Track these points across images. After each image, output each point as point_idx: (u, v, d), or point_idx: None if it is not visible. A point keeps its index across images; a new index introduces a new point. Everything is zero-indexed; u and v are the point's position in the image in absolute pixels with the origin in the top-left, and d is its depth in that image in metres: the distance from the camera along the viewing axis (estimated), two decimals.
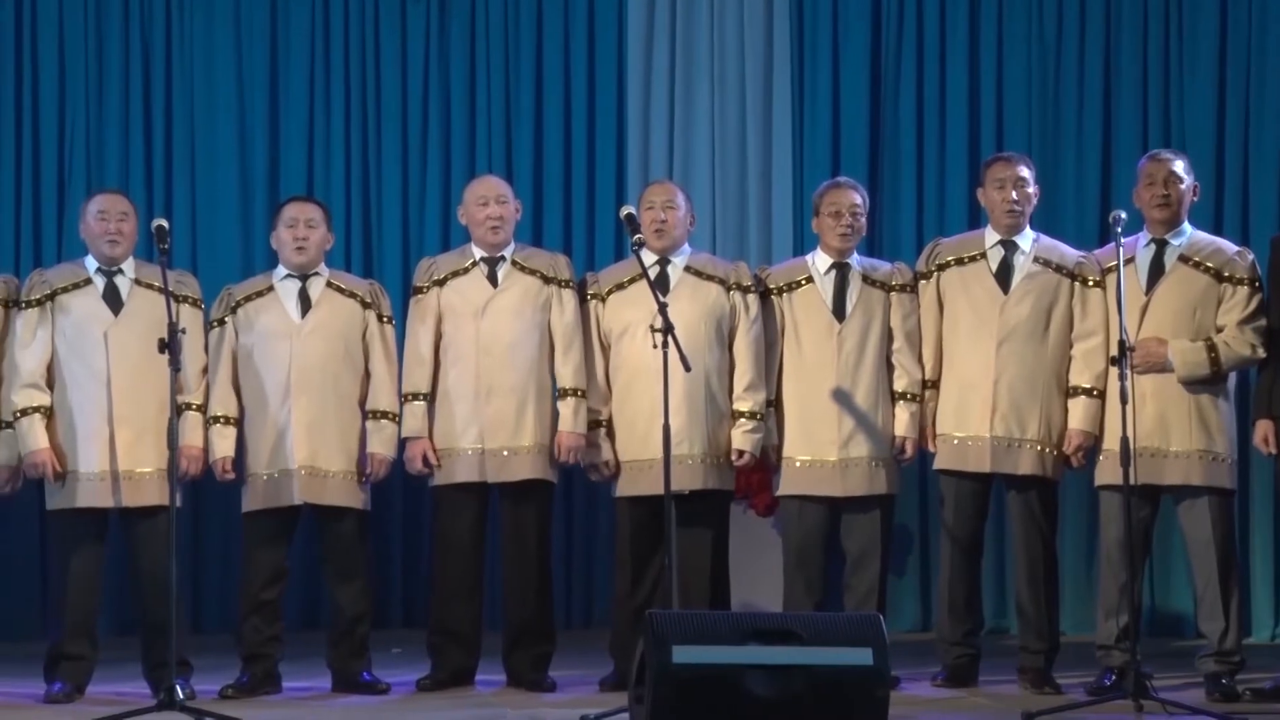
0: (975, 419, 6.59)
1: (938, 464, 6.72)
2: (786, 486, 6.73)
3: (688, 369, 6.15)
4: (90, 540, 6.58)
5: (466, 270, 6.77)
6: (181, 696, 5.96)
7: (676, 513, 6.36)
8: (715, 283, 6.75)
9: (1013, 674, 6.70)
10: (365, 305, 6.76)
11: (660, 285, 6.60)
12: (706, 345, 6.65)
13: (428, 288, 6.77)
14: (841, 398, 6.65)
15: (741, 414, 6.68)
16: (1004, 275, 6.67)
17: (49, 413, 6.52)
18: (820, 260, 6.79)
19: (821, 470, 6.66)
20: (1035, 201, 6.77)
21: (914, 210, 8.68)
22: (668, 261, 6.76)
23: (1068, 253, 6.74)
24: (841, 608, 6.71)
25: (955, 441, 6.64)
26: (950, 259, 6.74)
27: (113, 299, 6.61)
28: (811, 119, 8.71)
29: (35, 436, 6.48)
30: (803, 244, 7.98)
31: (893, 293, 6.76)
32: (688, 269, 6.77)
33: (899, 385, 6.72)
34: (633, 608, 6.57)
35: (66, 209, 8.29)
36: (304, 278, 6.72)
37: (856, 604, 6.64)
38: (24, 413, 6.49)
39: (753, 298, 6.75)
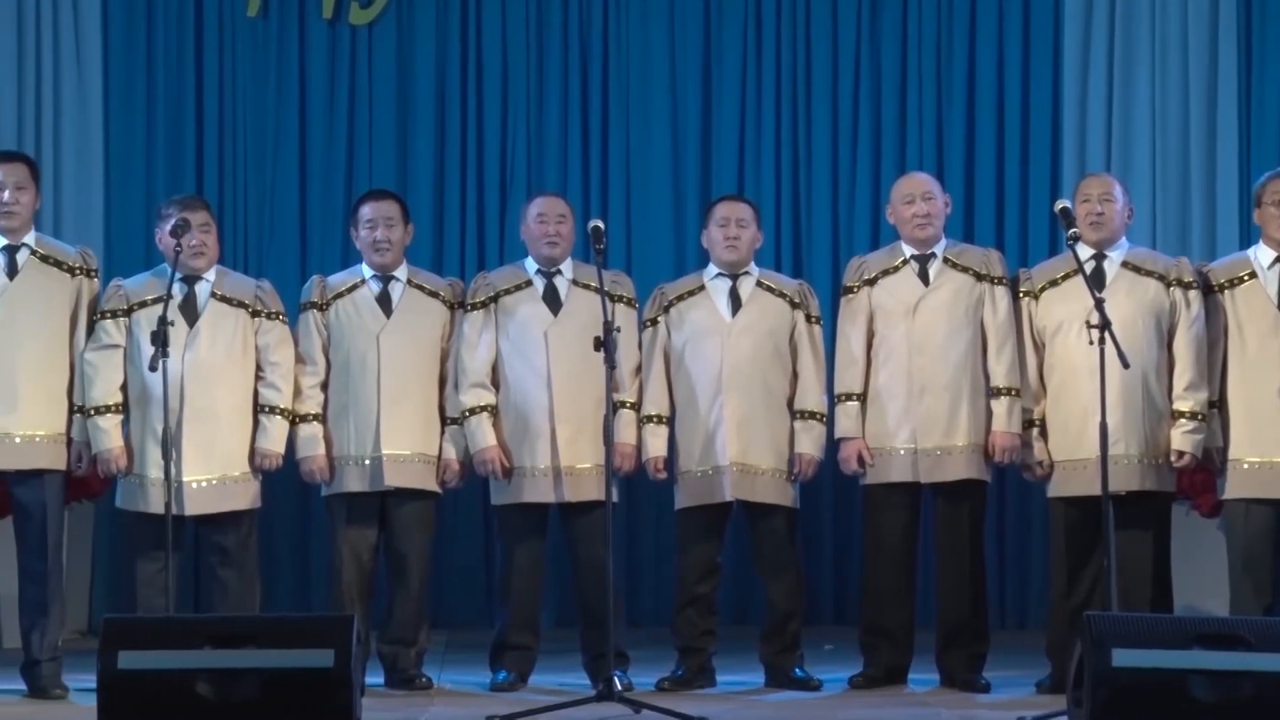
0: None
1: None
2: (1233, 489, 6.49)
3: (1126, 366, 6.03)
4: (534, 534, 6.78)
5: (897, 269, 6.75)
6: (620, 687, 6.12)
7: (1115, 514, 6.22)
8: (1154, 278, 6.57)
9: None
10: (794, 305, 6.79)
11: (1096, 281, 6.45)
12: (1145, 342, 6.47)
13: (858, 287, 6.77)
14: None
15: (1182, 414, 6.48)
16: None
17: (495, 411, 6.74)
18: (1263, 254, 6.54)
19: (1271, 472, 6.41)
20: None
21: None
22: (1104, 256, 6.61)
23: None
24: None
25: None
26: None
27: (552, 299, 6.80)
28: (1259, 108, 8.40)
29: (484, 434, 6.69)
30: (1249, 239, 7.70)
31: None
32: (1125, 264, 6.60)
33: None
34: (1070, 609, 6.44)
35: (508, 212, 8.57)
36: (734, 277, 6.79)
37: None
38: (473, 411, 6.70)
39: (1194, 294, 6.54)
